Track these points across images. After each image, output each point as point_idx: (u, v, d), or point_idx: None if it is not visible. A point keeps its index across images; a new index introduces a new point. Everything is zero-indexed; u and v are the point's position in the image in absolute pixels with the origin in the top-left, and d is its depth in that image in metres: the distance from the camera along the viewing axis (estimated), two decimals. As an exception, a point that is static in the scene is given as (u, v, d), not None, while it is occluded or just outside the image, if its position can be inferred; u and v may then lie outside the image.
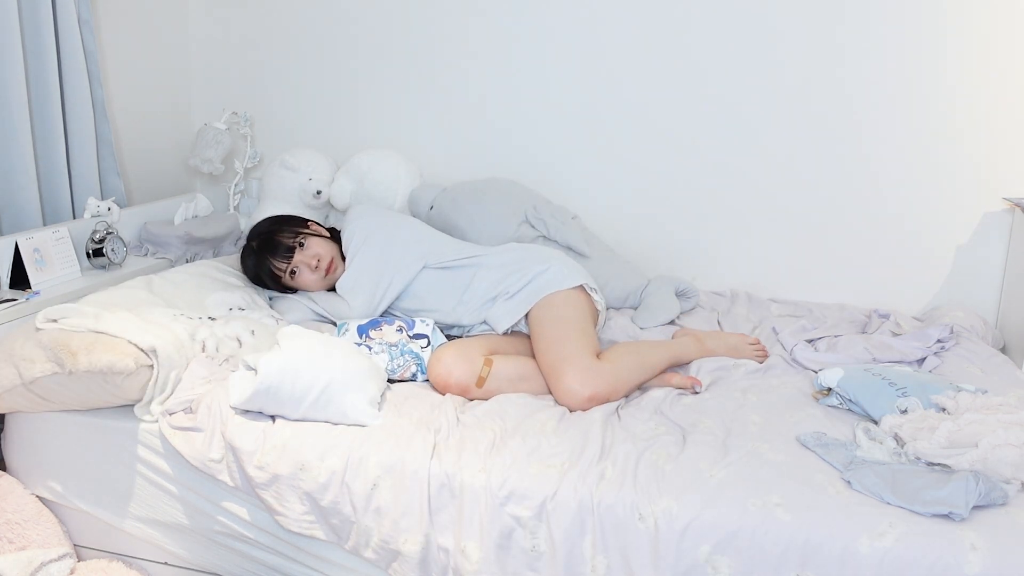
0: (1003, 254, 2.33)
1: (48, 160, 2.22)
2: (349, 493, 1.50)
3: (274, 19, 2.77)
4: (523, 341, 2.00)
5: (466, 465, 1.48)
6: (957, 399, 1.57)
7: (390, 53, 2.69)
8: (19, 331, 1.68)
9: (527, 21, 2.55)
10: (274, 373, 1.59)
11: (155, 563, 1.77)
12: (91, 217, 2.24)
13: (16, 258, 1.96)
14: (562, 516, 1.40)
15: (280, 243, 2.11)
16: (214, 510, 1.65)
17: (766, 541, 1.32)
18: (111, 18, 2.51)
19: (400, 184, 2.60)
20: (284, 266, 2.10)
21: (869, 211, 2.40)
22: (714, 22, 2.40)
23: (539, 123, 2.61)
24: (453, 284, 2.07)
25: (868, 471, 1.41)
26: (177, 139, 2.85)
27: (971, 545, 1.25)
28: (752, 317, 2.34)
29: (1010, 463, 1.38)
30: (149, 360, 1.64)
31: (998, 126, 2.26)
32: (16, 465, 1.78)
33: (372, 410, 1.63)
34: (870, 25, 2.29)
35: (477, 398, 1.78)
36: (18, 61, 2.05)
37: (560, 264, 2.02)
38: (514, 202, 2.45)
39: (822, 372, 1.76)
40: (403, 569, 1.49)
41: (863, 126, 2.36)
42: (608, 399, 1.74)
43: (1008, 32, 2.21)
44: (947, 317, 2.18)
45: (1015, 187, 2.28)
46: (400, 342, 1.89)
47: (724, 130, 2.46)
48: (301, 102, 2.82)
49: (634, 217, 2.59)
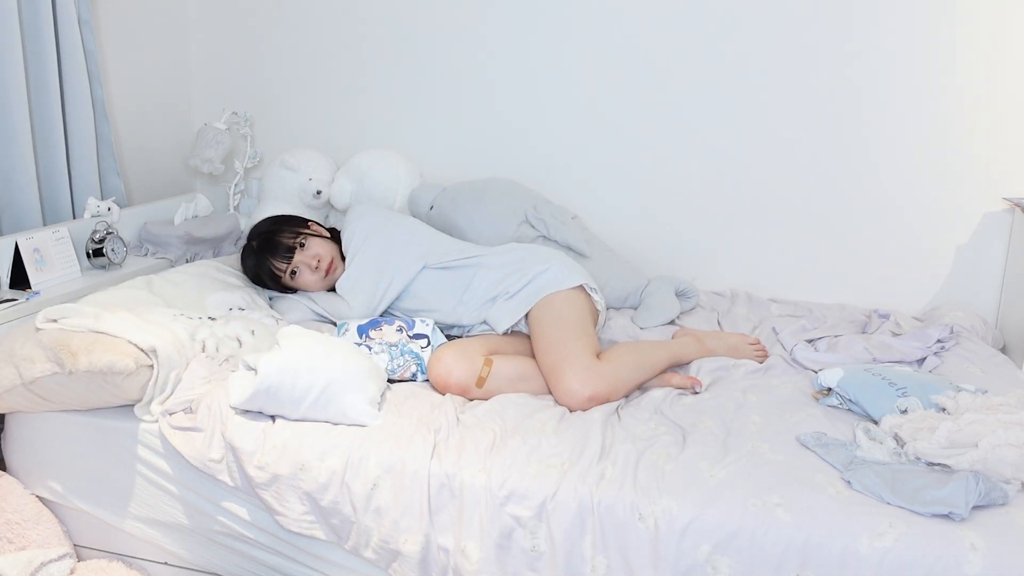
0: (1003, 254, 2.33)
1: (48, 160, 2.22)
2: (349, 493, 1.50)
3: (274, 19, 2.77)
4: (523, 341, 2.00)
5: (466, 465, 1.48)
6: (957, 399, 1.57)
7: (390, 53, 2.69)
8: (19, 331, 1.68)
9: (527, 21, 2.55)
10: (274, 373, 1.59)
11: (155, 563, 1.77)
12: (91, 217, 2.24)
13: (16, 258, 1.96)
14: (562, 516, 1.40)
15: (280, 243, 2.11)
16: (214, 510, 1.65)
17: (766, 541, 1.32)
18: (111, 18, 2.51)
19: (400, 184, 2.60)
20: (284, 266, 2.10)
21: (869, 211, 2.40)
22: (715, 23, 2.40)
23: (539, 123, 2.61)
24: (453, 284, 2.07)
25: (868, 471, 1.41)
26: (177, 139, 2.85)
27: (971, 545, 1.25)
28: (752, 317, 2.34)
29: (1010, 463, 1.38)
30: (149, 360, 1.64)
31: (998, 126, 2.26)
32: (16, 465, 1.78)
33: (372, 410, 1.63)
34: (871, 26, 2.29)
35: (477, 398, 1.78)
36: (18, 61, 2.05)
37: (560, 264, 2.02)
38: (514, 202, 2.45)
39: (822, 372, 1.75)
40: (403, 569, 1.49)
41: (863, 127, 2.36)
42: (608, 399, 1.74)
43: (1008, 32, 2.21)
44: (947, 317, 2.18)
45: (1015, 187, 2.29)
46: (400, 342, 1.89)
47: (724, 130, 2.46)
48: (301, 102, 2.82)
49: (634, 217, 2.59)
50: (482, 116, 2.66)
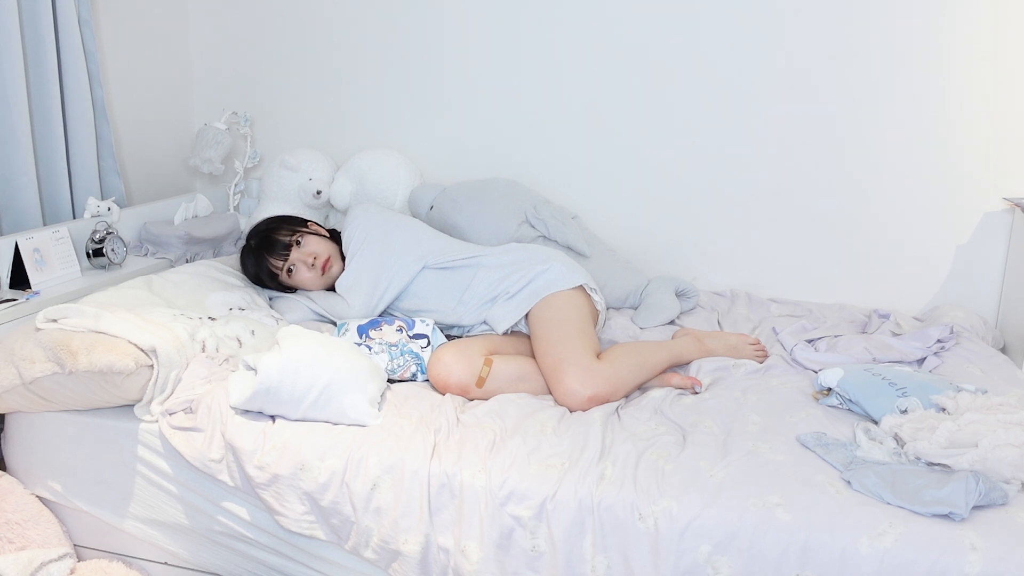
0: (1003, 254, 2.33)
1: (48, 160, 2.22)
2: (349, 493, 1.50)
3: (274, 19, 2.77)
4: (523, 341, 2.00)
5: (466, 465, 1.48)
6: (957, 399, 1.57)
7: (390, 53, 2.69)
8: (19, 331, 1.68)
9: (527, 22, 2.55)
10: (274, 373, 1.59)
11: (155, 563, 1.77)
12: (91, 217, 2.24)
13: (16, 258, 1.96)
14: (562, 516, 1.40)
15: (277, 240, 2.11)
16: (214, 510, 1.65)
17: (766, 541, 1.32)
18: (111, 18, 2.51)
19: (400, 184, 2.60)
20: (281, 263, 2.11)
21: (869, 211, 2.40)
22: (715, 23, 2.40)
23: (539, 123, 2.61)
24: (453, 284, 2.07)
25: (868, 471, 1.40)
26: (177, 139, 2.85)
27: (971, 545, 1.25)
28: (752, 317, 2.34)
29: (1010, 463, 1.38)
30: (149, 360, 1.64)
31: (998, 126, 2.26)
32: (16, 465, 1.78)
33: (372, 410, 1.63)
34: (870, 26, 2.29)
35: (477, 398, 1.78)
36: (18, 61, 2.05)
37: (560, 264, 2.02)
38: (514, 202, 2.45)
39: (822, 372, 1.75)
40: (403, 569, 1.49)
41: (863, 126, 2.36)
42: (608, 400, 1.74)
43: (1008, 32, 2.21)
44: (947, 317, 2.18)
45: (1015, 187, 2.28)
46: (400, 342, 1.89)
47: (724, 130, 2.46)
48: (301, 102, 2.82)
49: (634, 217, 2.59)
50: (482, 116, 2.66)
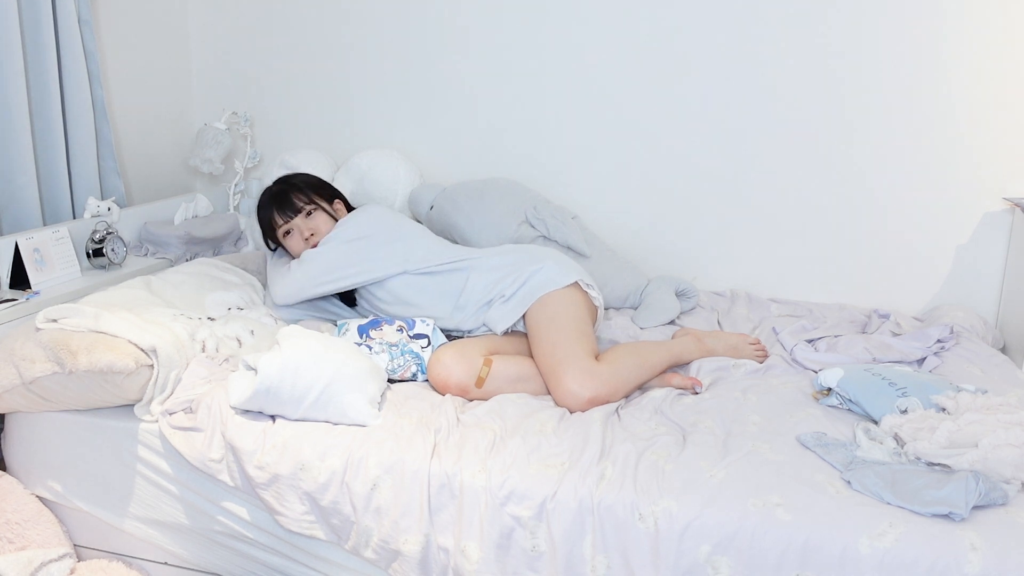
0: (1003, 254, 2.33)
1: (48, 160, 2.22)
2: (349, 493, 1.50)
3: (274, 19, 2.77)
4: (523, 341, 1.99)
5: (466, 465, 1.48)
6: (957, 399, 1.57)
7: (390, 53, 2.69)
8: (19, 331, 1.68)
9: (528, 22, 2.55)
10: (274, 373, 1.59)
11: (155, 563, 1.77)
12: (91, 217, 2.24)
13: (16, 258, 1.96)
14: (562, 516, 1.40)
15: (291, 201, 2.11)
16: (214, 510, 1.65)
17: (766, 541, 1.31)
18: (111, 18, 2.51)
19: (400, 184, 2.60)
20: (282, 222, 2.12)
21: (869, 211, 2.40)
22: (714, 23, 2.40)
23: (539, 123, 2.61)
24: (444, 289, 2.04)
25: (868, 471, 1.40)
26: (177, 139, 2.85)
27: (971, 545, 1.25)
28: (752, 317, 2.34)
29: (1010, 463, 1.38)
30: (149, 360, 1.64)
31: (998, 126, 2.26)
32: (16, 465, 1.78)
33: (372, 410, 1.63)
34: (869, 25, 2.29)
35: (477, 398, 1.78)
36: (18, 61, 2.05)
37: (553, 263, 2.01)
38: (514, 202, 2.45)
39: (822, 372, 1.75)
40: (403, 569, 1.49)
41: (863, 126, 2.36)
42: (608, 400, 1.74)
43: (1008, 32, 2.21)
44: (947, 317, 2.18)
45: (1015, 187, 2.29)
46: (400, 342, 1.89)
47: (724, 130, 2.46)
48: (301, 102, 2.82)
49: (634, 217, 2.59)
50: (482, 116, 2.66)
